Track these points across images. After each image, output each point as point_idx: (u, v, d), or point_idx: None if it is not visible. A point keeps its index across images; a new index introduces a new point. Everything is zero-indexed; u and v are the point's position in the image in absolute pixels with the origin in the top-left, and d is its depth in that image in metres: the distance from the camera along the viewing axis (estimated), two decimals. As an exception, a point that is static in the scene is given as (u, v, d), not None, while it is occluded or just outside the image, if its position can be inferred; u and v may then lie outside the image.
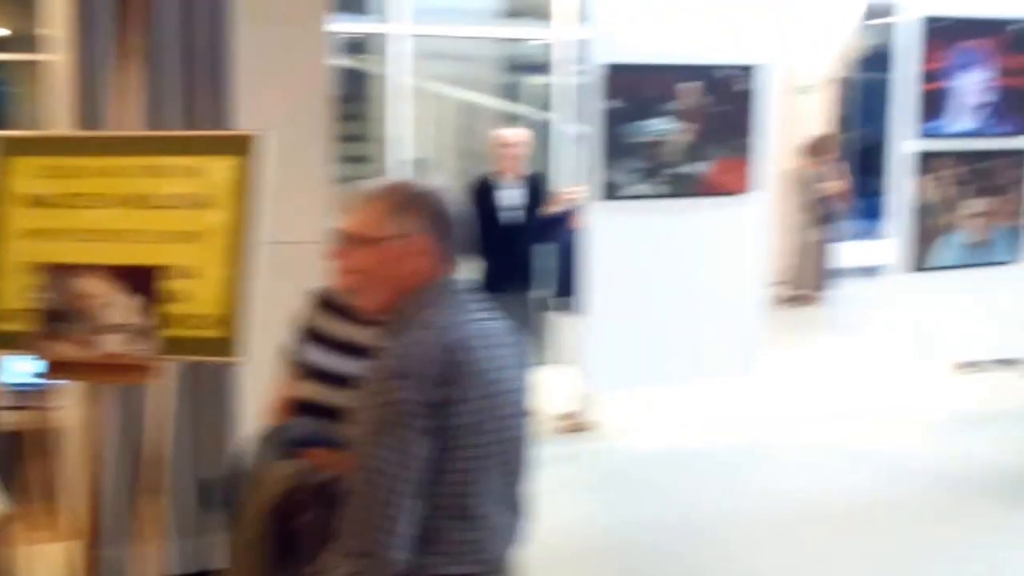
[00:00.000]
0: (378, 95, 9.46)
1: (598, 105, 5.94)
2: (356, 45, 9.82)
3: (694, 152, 6.14)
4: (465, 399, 2.21)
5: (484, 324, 2.37)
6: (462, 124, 10.47)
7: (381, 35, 9.19)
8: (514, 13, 10.87)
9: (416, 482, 2.18)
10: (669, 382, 6.64)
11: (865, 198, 14.36)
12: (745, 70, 6.20)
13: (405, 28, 8.98)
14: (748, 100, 6.25)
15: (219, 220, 3.65)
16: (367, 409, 2.22)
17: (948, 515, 5.87)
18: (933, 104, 6.78)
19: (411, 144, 9.35)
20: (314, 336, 2.99)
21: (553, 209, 6.88)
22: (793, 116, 10.46)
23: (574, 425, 7.11)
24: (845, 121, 13.71)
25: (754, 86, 6.24)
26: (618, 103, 5.96)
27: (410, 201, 2.36)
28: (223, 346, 3.62)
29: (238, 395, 4.54)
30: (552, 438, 6.77)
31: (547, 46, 9.38)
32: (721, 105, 6.18)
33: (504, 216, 6.75)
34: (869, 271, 11.78)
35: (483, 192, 6.77)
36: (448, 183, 2.45)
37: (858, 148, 14.31)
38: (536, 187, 6.96)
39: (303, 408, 2.94)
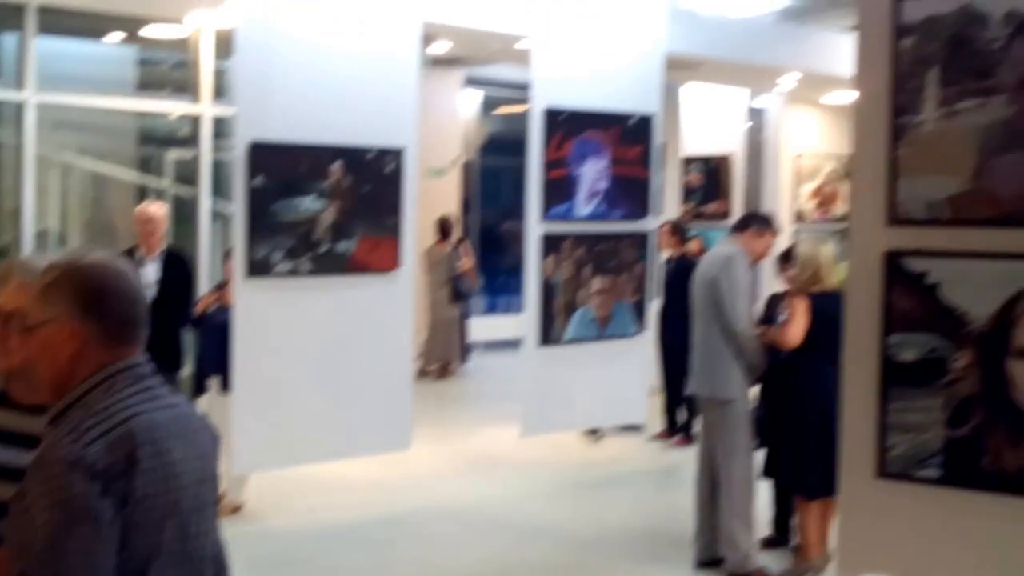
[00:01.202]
0: (6, 165, 8.87)
1: (244, 182, 5.91)
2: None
3: (340, 230, 6.24)
4: (142, 495, 1.99)
5: (167, 411, 2.12)
6: (97, 197, 10.02)
7: (9, 103, 8.64)
8: (156, 85, 10.59)
9: None
10: (322, 459, 6.63)
11: (498, 276, 15.08)
12: (386, 152, 6.40)
13: (36, 96, 8.50)
14: (391, 181, 6.45)
15: None
16: (38, 511, 1.94)
17: (583, 574, 6.23)
18: (559, 190, 7.30)
19: (40, 216, 8.84)
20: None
21: (208, 303, 6.76)
22: (427, 198, 10.83)
23: (224, 507, 6.89)
24: (474, 203, 14.36)
25: (396, 168, 6.45)
26: (265, 180, 5.96)
27: (63, 281, 2.09)
28: None
29: None
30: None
31: (193, 120, 9.20)
32: (365, 185, 6.33)
33: (149, 293, 6.52)
34: (505, 344, 12.35)
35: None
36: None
37: (487, 228, 15.02)
38: (178, 262, 6.78)
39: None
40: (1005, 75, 2.74)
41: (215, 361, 6.55)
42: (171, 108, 10.10)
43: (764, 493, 6.23)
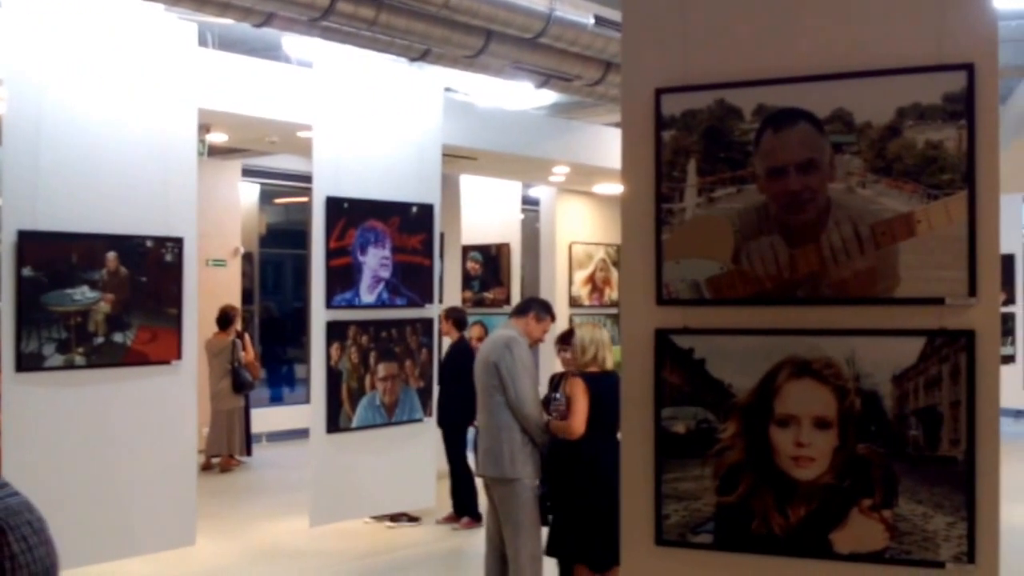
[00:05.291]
0: None
1: (12, 272, 5.69)
2: None
3: (117, 321, 6.07)
4: None
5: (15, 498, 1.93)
6: None
7: None
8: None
9: None
10: (102, 560, 6.31)
11: (281, 366, 14.86)
12: (164, 241, 6.29)
13: None
14: (169, 271, 6.33)
15: None
16: None
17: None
18: (342, 278, 7.34)
19: None
20: None
21: None
22: (207, 288, 10.65)
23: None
24: (255, 293, 14.17)
25: (175, 257, 6.34)
26: (34, 271, 5.76)
27: None
28: None
29: None
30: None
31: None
32: (142, 275, 6.20)
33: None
34: (290, 434, 12.14)
35: None
36: None
37: (269, 318, 14.81)
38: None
39: None
40: (756, 164, 3.00)
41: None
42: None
43: (551, 570, 6.34)
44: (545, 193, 13.85)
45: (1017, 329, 15.32)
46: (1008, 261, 14.32)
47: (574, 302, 13.73)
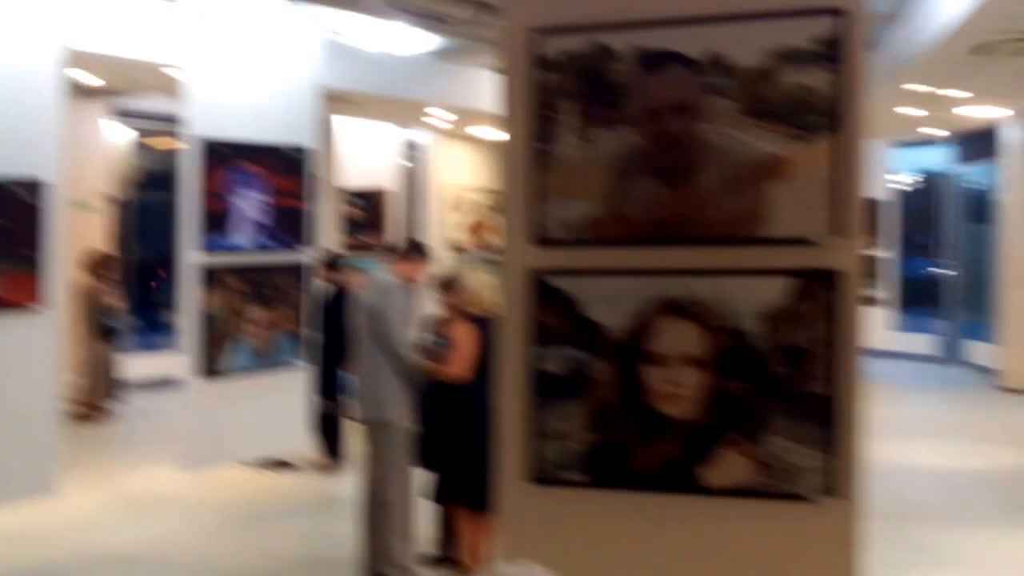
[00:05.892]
0: None
1: None
2: None
3: (-25, 265, 5.83)
4: None
5: None
6: None
7: None
8: None
9: None
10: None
11: (148, 311, 14.50)
12: (22, 183, 6.04)
13: None
14: (28, 213, 6.09)
15: None
16: None
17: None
18: (215, 221, 7.17)
19: None
20: None
21: None
22: (71, 231, 10.31)
23: None
24: (130, 238, 13.79)
25: (38, 200, 6.10)
26: None
27: None
28: None
29: None
30: None
31: None
32: (3, 218, 5.95)
33: None
34: (159, 382, 11.91)
35: None
36: None
37: (140, 263, 14.43)
38: None
39: None
40: (631, 107, 3.01)
41: None
42: None
43: (428, 512, 6.37)
44: (426, 139, 13.76)
45: (880, 271, 15.90)
46: (872, 205, 14.83)
47: (453, 246, 13.73)
